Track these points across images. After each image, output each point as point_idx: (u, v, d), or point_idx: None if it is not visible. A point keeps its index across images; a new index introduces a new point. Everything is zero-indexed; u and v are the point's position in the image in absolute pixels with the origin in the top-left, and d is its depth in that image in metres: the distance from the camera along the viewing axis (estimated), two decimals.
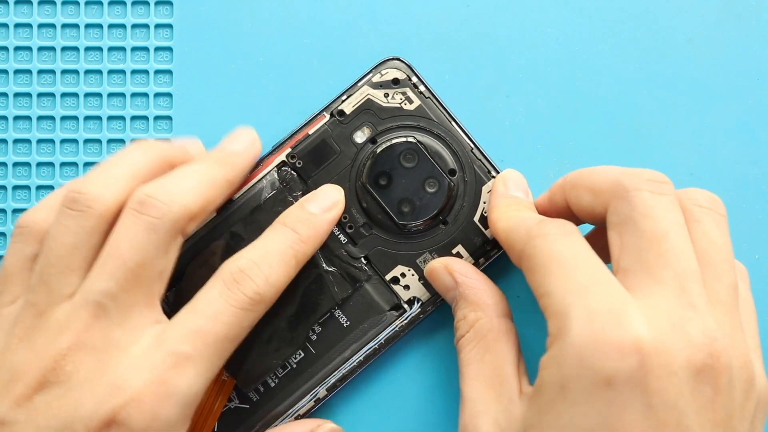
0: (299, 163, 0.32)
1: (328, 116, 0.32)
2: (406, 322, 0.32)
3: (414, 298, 0.32)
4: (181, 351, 0.27)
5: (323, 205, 0.31)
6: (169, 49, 0.34)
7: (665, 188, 0.26)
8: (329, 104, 0.32)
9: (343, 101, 0.32)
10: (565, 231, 0.27)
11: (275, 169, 0.32)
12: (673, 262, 0.25)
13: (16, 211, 0.34)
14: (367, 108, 0.32)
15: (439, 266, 0.31)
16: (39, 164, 0.34)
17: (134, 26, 0.34)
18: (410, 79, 0.32)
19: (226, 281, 0.28)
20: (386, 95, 0.32)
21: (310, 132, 0.32)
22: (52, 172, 0.34)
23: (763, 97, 0.34)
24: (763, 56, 0.34)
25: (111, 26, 0.34)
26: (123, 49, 0.34)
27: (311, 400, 0.32)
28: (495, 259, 0.32)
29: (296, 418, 0.32)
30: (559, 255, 0.26)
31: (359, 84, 0.32)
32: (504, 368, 0.28)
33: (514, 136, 0.34)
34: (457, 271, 0.31)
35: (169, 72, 0.34)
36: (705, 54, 0.34)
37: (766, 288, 0.33)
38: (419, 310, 0.32)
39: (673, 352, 0.24)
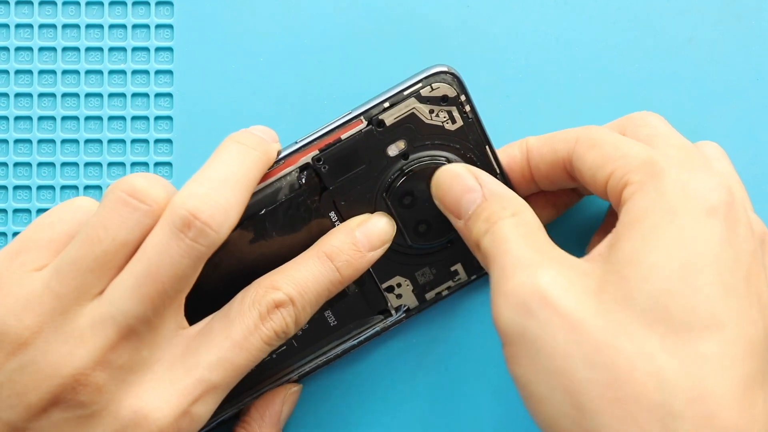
0: (324, 168, 0.30)
1: (364, 122, 0.30)
2: (388, 324, 0.32)
3: (403, 306, 0.32)
4: (210, 380, 0.26)
5: (374, 241, 0.30)
6: (170, 49, 0.34)
7: None
8: (368, 108, 0.30)
9: (384, 109, 0.30)
10: None
11: (297, 170, 0.30)
12: (710, 163, 0.28)
13: (17, 211, 0.34)
14: (408, 122, 0.30)
15: (462, 170, 0.29)
16: (39, 164, 0.34)
17: (135, 26, 0.34)
18: (459, 98, 0.30)
19: (262, 313, 0.27)
20: (431, 111, 0.30)
21: (343, 137, 0.30)
22: (53, 172, 0.34)
23: (763, 97, 0.34)
24: (763, 56, 0.34)
25: (111, 26, 0.34)
26: (123, 49, 0.34)
27: (282, 383, 0.32)
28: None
29: None
30: (617, 136, 0.28)
31: (405, 93, 0.30)
32: (553, 247, 0.27)
33: (514, 136, 0.34)
34: (481, 174, 0.29)
35: (169, 72, 0.34)
36: (705, 54, 0.34)
37: None
38: (403, 315, 0.32)
39: (741, 208, 0.26)
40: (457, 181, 0.29)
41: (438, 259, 0.32)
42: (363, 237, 0.29)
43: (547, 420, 0.25)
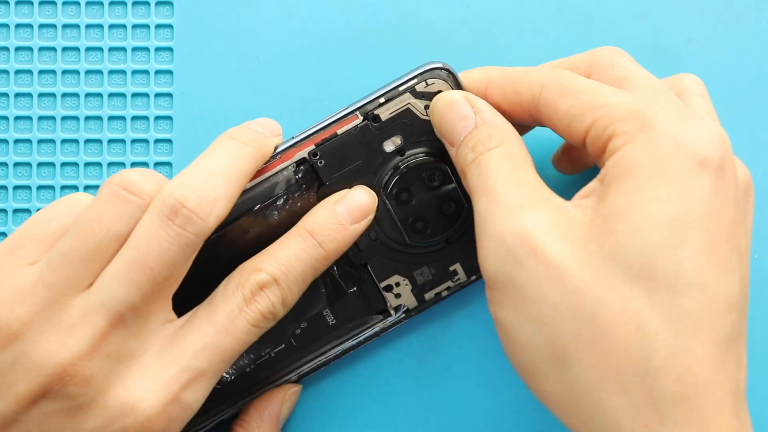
0: (321, 162, 0.30)
1: (360, 118, 0.30)
2: (387, 325, 0.32)
3: (402, 306, 0.32)
4: (197, 367, 0.26)
5: (355, 214, 0.29)
6: (170, 49, 0.34)
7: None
8: (364, 104, 0.30)
9: (380, 105, 0.30)
10: None
11: (293, 164, 0.30)
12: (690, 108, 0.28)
13: (16, 211, 0.34)
14: (404, 117, 0.30)
15: (459, 96, 0.28)
16: (39, 164, 0.34)
17: (135, 26, 0.34)
18: None
19: (246, 296, 0.27)
20: (426, 107, 0.30)
21: (339, 132, 0.30)
22: (53, 172, 0.34)
23: (763, 97, 0.34)
24: (763, 56, 0.34)
25: (111, 26, 0.34)
26: (123, 49, 0.34)
27: (282, 384, 0.32)
28: None
29: None
30: (590, 82, 0.27)
31: (401, 89, 0.30)
32: (540, 184, 0.26)
33: None
34: (477, 101, 0.29)
35: (169, 72, 0.34)
36: (705, 54, 0.34)
37: (767, 288, 0.33)
38: (403, 315, 0.32)
39: (731, 159, 0.25)
40: (452, 108, 0.28)
41: (437, 259, 0.32)
42: (344, 211, 0.29)
43: (527, 366, 0.25)
